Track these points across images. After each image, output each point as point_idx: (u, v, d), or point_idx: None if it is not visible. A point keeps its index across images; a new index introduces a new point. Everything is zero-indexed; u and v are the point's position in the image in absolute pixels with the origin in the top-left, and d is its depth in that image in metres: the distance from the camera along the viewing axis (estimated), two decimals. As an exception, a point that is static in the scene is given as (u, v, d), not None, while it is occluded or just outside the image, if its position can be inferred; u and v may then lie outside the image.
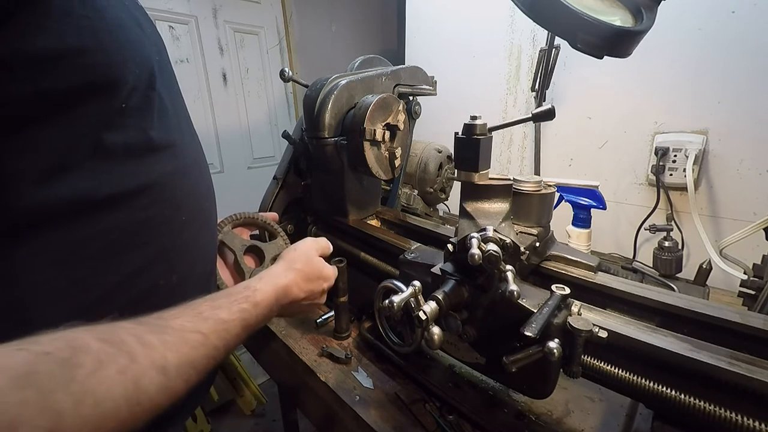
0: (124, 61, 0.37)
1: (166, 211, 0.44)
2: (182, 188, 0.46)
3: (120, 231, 0.40)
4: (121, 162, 0.39)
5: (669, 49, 1.10)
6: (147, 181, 0.41)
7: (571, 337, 0.42)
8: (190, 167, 0.48)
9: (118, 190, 0.39)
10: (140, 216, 0.41)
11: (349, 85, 0.82)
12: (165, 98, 0.45)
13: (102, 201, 0.38)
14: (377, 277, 0.71)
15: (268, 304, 0.48)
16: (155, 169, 0.42)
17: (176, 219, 0.45)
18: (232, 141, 1.86)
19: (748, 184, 1.05)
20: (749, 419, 0.36)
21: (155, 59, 0.43)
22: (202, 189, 0.52)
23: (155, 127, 0.42)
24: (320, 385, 0.67)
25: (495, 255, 0.44)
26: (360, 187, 0.92)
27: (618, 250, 1.24)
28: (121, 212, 0.39)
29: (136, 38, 0.40)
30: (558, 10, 0.56)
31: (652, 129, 1.18)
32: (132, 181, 0.40)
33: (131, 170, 0.40)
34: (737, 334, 0.44)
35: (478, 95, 1.62)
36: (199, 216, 0.50)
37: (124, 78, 0.37)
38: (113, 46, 0.36)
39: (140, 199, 0.41)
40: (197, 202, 0.50)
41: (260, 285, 0.49)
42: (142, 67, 0.40)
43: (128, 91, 0.38)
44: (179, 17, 1.58)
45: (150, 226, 0.42)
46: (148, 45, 0.43)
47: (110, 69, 0.36)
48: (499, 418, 0.57)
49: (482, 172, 0.55)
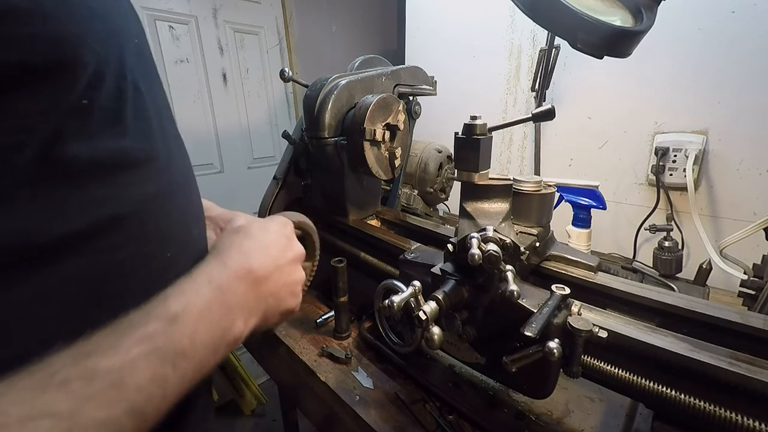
0: (83, 36, 0.26)
1: (146, 248, 0.32)
2: (168, 216, 0.34)
3: (79, 284, 0.28)
4: (81, 185, 0.27)
5: (669, 48, 1.10)
6: (119, 210, 0.29)
7: (571, 337, 0.42)
8: (176, 186, 0.36)
9: (75, 228, 0.27)
10: (109, 260, 0.29)
11: (349, 85, 0.82)
12: (144, 92, 0.32)
13: (52, 245, 0.26)
14: (377, 277, 0.71)
15: (236, 291, 0.33)
16: (131, 192, 0.30)
17: (160, 257, 0.33)
18: (232, 141, 1.86)
19: (748, 184, 1.05)
20: (749, 419, 0.36)
21: (129, 38, 0.31)
22: (192, 211, 0.39)
23: (130, 132, 0.30)
24: (320, 385, 0.67)
25: (495, 255, 0.44)
26: (360, 187, 0.92)
27: (618, 250, 1.24)
28: (80, 258, 0.27)
29: (101, 6, 0.28)
30: (558, 10, 0.56)
31: (652, 129, 1.18)
32: (97, 212, 0.28)
33: (96, 196, 0.28)
34: (737, 334, 0.44)
35: (478, 95, 1.62)
36: (188, 248, 0.37)
37: (80, 59, 0.25)
38: (63, 11, 0.25)
39: (109, 236, 0.29)
40: (186, 229, 0.37)
41: (187, 284, 0.32)
42: (109, 46, 0.28)
43: (89, 78, 0.26)
44: (179, 17, 1.58)
45: (123, 272, 0.30)
46: (119, 18, 0.31)
47: (58, 44, 0.24)
48: (499, 418, 0.57)
49: (482, 172, 0.55)
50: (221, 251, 0.37)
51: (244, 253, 0.37)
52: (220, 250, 0.37)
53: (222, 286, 0.33)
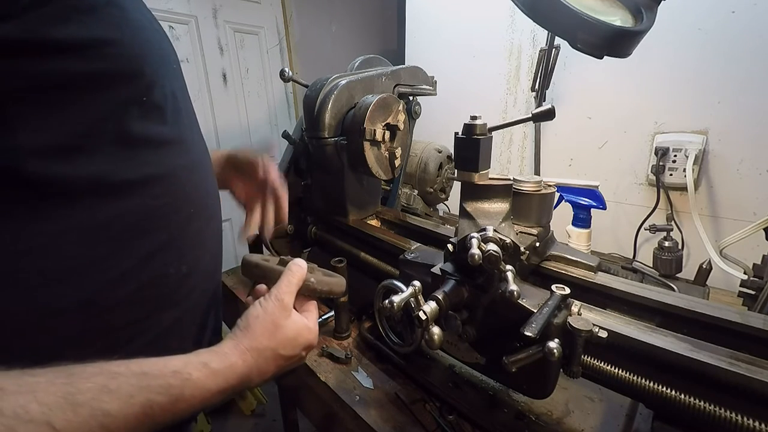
0: (143, 55, 0.41)
1: (176, 201, 0.45)
2: (191, 182, 0.48)
3: (134, 215, 0.41)
4: (139, 151, 0.41)
5: (669, 48, 1.10)
6: (160, 171, 0.43)
7: (571, 337, 0.42)
8: (197, 164, 0.50)
9: (134, 177, 0.41)
10: (152, 204, 0.43)
11: (349, 85, 0.82)
12: (179, 99, 0.47)
13: (119, 185, 0.40)
14: (377, 277, 0.71)
15: (203, 399, 0.37)
16: (168, 161, 0.45)
17: (184, 210, 0.47)
18: (232, 141, 1.86)
19: (748, 184, 1.05)
20: (749, 419, 0.36)
21: (170, 63, 0.47)
22: (208, 186, 0.53)
23: (170, 122, 0.45)
24: (320, 385, 0.67)
25: (495, 255, 0.44)
26: (360, 187, 0.92)
27: (618, 250, 1.24)
28: (135, 198, 0.41)
29: (155, 39, 0.44)
30: (558, 10, 0.56)
31: (652, 129, 1.18)
32: (147, 170, 0.42)
33: (147, 160, 0.42)
34: (737, 334, 0.44)
35: (478, 95, 1.62)
36: (205, 211, 0.51)
37: (142, 71, 0.40)
38: (134, 41, 0.39)
39: (153, 187, 0.43)
40: (203, 197, 0.51)
41: (198, 374, 0.37)
42: (160, 66, 0.43)
43: (147, 84, 0.41)
44: (179, 17, 1.58)
45: (161, 215, 0.44)
46: (165, 49, 0.46)
47: (131, 61, 0.39)
48: (499, 418, 0.57)
49: (482, 172, 0.55)
50: (250, 339, 0.44)
51: (259, 352, 0.44)
52: (250, 338, 0.44)
53: (240, 376, 0.41)
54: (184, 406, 0.36)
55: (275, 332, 0.45)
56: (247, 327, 0.44)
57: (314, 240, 1.00)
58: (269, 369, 0.44)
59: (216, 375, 0.38)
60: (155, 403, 0.33)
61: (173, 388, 0.35)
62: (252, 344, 0.43)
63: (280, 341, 0.45)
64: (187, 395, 0.36)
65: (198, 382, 0.37)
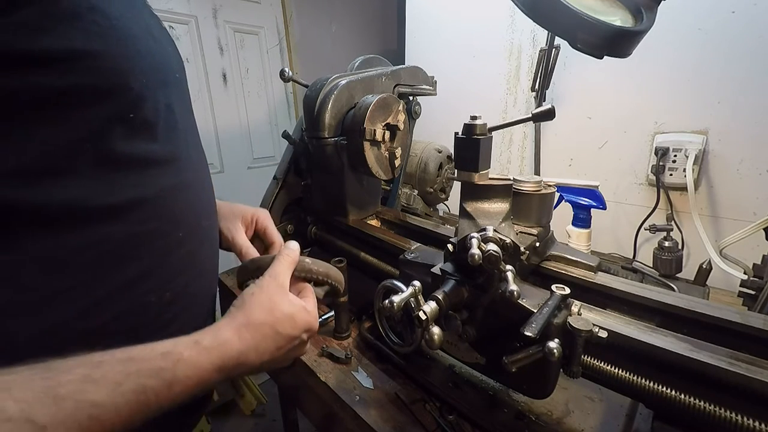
0: (131, 69, 0.37)
1: (163, 226, 0.42)
2: (181, 203, 0.45)
3: (112, 243, 0.38)
4: (123, 173, 0.38)
5: (669, 48, 1.10)
6: (147, 194, 0.40)
7: (571, 337, 0.42)
8: (191, 182, 0.47)
9: (116, 202, 0.37)
10: (136, 229, 0.39)
11: (349, 85, 0.82)
12: (176, 112, 0.44)
13: (98, 210, 0.36)
14: (377, 277, 0.71)
15: (200, 379, 0.36)
16: (156, 183, 0.41)
17: (173, 235, 0.43)
18: (232, 141, 1.86)
19: (748, 184, 1.05)
20: (749, 419, 0.36)
21: (169, 72, 0.44)
22: (203, 205, 0.50)
23: (161, 139, 0.41)
24: (320, 385, 0.67)
25: (495, 255, 0.44)
26: (360, 187, 0.92)
27: (618, 250, 1.24)
28: (117, 224, 0.38)
29: (148, 50, 0.40)
30: (558, 10, 0.56)
31: (652, 129, 1.18)
32: (132, 193, 0.39)
33: (132, 182, 0.39)
34: (737, 334, 0.44)
35: (478, 95, 1.62)
36: (197, 233, 0.48)
37: (128, 85, 0.37)
38: (120, 53, 0.36)
39: (138, 212, 0.39)
40: (196, 218, 0.47)
41: (190, 352, 0.36)
42: (151, 78, 0.40)
43: (134, 99, 0.38)
44: (179, 17, 1.58)
45: (145, 241, 0.40)
46: (161, 58, 0.43)
47: (114, 74, 0.36)
48: (499, 418, 0.57)
49: (482, 172, 0.55)
50: (245, 315, 0.42)
51: (256, 329, 0.42)
52: (245, 315, 0.42)
53: (235, 356, 0.39)
54: (180, 389, 0.34)
55: (272, 308, 0.43)
56: (243, 304, 0.43)
57: (314, 240, 1.00)
58: (268, 347, 0.42)
59: (209, 351, 0.37)
60: (148, 387, 0.32)
61: (164, 371, 0.33)
62: (248, 320, 0.41)
63: (278, 318, 0.43)
64: (180, 376, 0.34)
65: (190, 361, 0.35)
